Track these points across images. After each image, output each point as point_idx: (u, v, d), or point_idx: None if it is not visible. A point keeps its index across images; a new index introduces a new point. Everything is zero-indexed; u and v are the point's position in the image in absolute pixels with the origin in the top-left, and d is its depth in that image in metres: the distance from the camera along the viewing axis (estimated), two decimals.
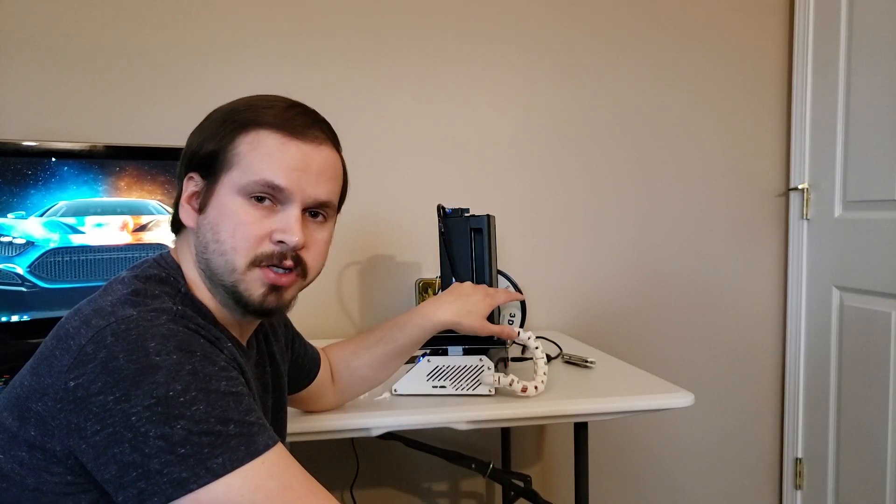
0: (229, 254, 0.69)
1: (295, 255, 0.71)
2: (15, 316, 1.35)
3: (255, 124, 0.71)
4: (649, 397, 1.15)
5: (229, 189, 0.70)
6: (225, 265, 0.70)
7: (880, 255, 1.66)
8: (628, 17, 1.88)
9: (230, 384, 0.62)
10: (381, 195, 1.78)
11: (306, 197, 0.71)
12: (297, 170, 0.70)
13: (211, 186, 0.71)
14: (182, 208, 0.74)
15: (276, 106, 0.72)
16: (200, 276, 0.72)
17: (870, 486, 1.71)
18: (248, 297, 0.70)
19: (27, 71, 1.58)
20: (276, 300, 0.72)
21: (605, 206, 1.90)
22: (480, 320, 1.03)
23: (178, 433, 0.56)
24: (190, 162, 0.73)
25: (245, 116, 0.71)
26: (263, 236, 0.70)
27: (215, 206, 0.70)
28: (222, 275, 0.70)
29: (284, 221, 0.70)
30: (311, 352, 1.01)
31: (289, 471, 0.61)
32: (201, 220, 0.72)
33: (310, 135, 0.72)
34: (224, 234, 0.69)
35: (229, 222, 0.69)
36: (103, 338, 0.59)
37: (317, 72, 1.73)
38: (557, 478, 1.91)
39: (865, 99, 1.70)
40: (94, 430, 0.57)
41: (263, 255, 0.70)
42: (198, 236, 0.72)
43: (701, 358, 1.98)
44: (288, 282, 0.72)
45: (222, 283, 0.70)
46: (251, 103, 0.73)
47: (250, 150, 0.70)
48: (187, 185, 0.74)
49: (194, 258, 0.72)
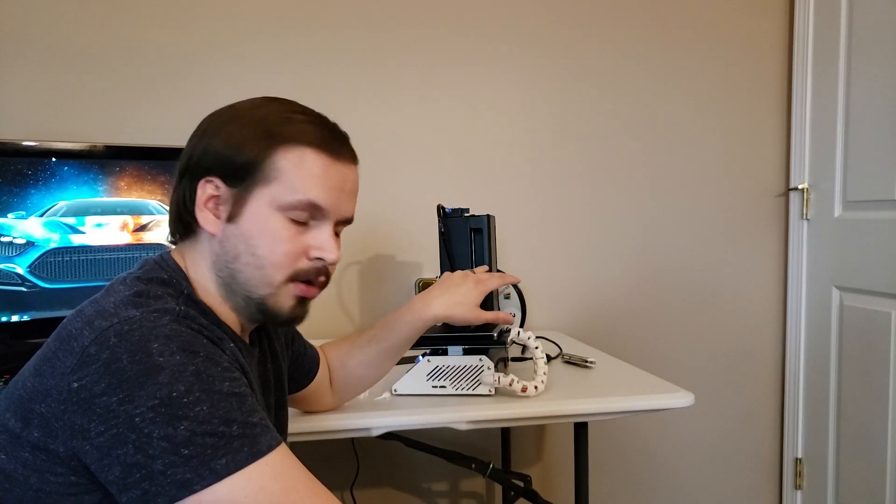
0: (267, 268, 0.71)
1: (327, 271, 0.75)
2: (15, 316, 1.35)
3: (298, 141, 0.71)
4: (649, 397, 1.15)
5: (267, 204, 0.70)
6: (261, 279, 0.71)
7: (880, 255, 1.66)
8: (628, 17, 1.88)
9: (233, 385, 0.62)
10: (381, 195, 1.78)
11: (339, 215, 0.75)
12: (336, 189, 0.73)
13: (243, 196, 0.70)
14: (200, 212, 0.72)
15: (313, 122, 0.73)
16: (216, 281, 0.72)
17: (870, 486, 1.71)
18: (278, 310, 0.73)
19: (27, 71, 1.58)
20: (303, 311, 0.76)
21: (604, 206, 1.90)
22: (473, 310, 1.01)
23: (181, 434, 0.57)
24: (212, 166, 0.71)
25: (286, 131, 0.71)
26: (300, 253, 0.72)
27: (251, 219, 0.70)
28: (254, 287, 0.71)
29: (321, 239, 0.73)
30: (311, 351, 1.01)
31: (292, 471, 0.61)
32: (230, 230, 0.71)
33: (345, 155, 0.75)
34: (262, 250, 0.70)
35: (268, 238, 0.70)
36: (106, 339, 0.59)
37: (317, 72, 1.73)
38: (557, 478, 1.91)
39: (865, 99, 1.70)
40: (98, 431, 0.57)
41: (301, 271, 0.72)
42: (223, 245, 0.71)
43: (701, 358, 1.98)
44: (316, 293, 0.76)
45: (248, 295, 0.72)
46: (287, 116, 0.72)
47: (294, 167, 0.70)
48: (204, 188, 0.71)
49: (210, 263, 0.72)
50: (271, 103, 0.74)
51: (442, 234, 1.24)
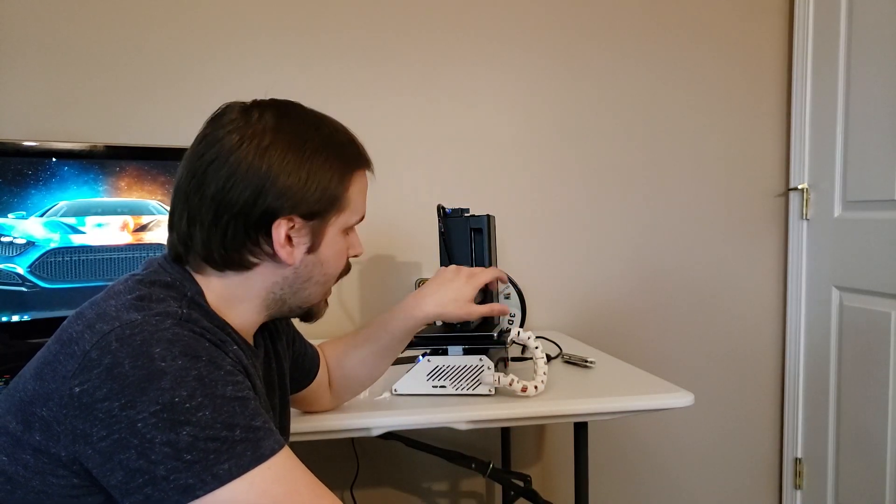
0: (331, 281, 0.79)
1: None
2: (15, 316, 1.35)
3: (358, 164, 0.77)
4: (649, 397, 1.15)
5: (339, 228, 0.76)
6: (323, 290, 0.79)
7: (880, 255, 1.66)
8: (628, 18, 1.88)
9: (236, 389, 0.62)
10: (381, 195, 1.78)
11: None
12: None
13: (322, 227, 0.74)
14: (282, 249, 0.70)
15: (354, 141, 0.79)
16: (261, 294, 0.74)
17: (870, 486, 1.71)
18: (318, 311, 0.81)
19: (27, 71, 1.58)
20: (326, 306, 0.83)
21: (604, 206, 1.90)
22: (467, 306, 0.99)
23: (184, 439, 0.56)
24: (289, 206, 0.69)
25: (350, 158, 0.76)
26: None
27: (328, 246, 0.76)
28: (314, 298, 0.79)
29: (355, 240, 0.82)
30: (311, 351, 1.01)
31: (295, 475, 0.61)
32: (309, 259, 0.75)
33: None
34: (332, 269, 0.78)
35: (337, 258, 0.78)
36: (108, 343, 0.59)
37: (317, 72, 1.73)
38: (557, 478, 1.91)
39: (865, 99, 1.70)
40: (100, 436, 0.57)
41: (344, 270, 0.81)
42: (298, 272, 0.75)
43: (701, 358, 1.99)
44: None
45: (301, 305, 0.78)
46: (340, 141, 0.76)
47: (358, 192, 0.77)
48: (281, 228, 0.69)
49: (270, 286, 0.74)
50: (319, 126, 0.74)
51: (442, 234, 1.24)
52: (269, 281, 0.74)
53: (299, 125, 0.72)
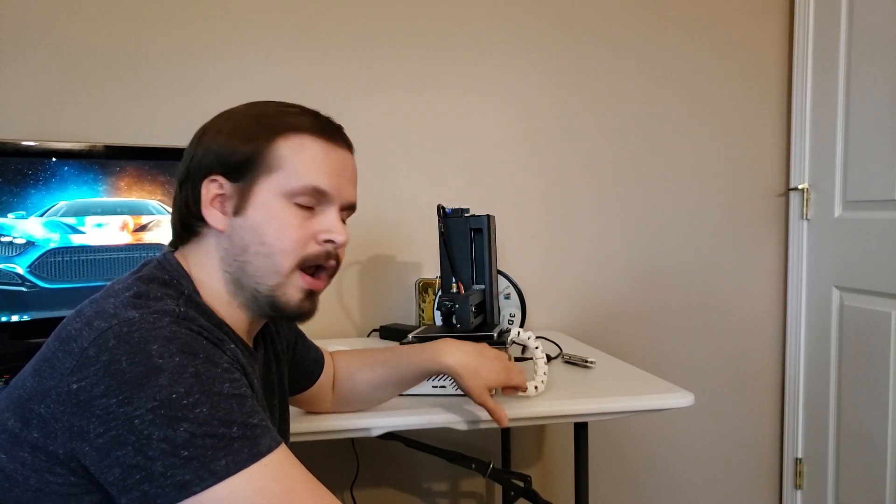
0: (277, 255, 0.71)
1: (336, 255, 0.76)
2: (15, 316, 1.35)
3: (296, 129, 0.73)
4: (649, 397, 1.15)
5: (272, 192, 0.71)
6: (270, 267, 0.71)
7: (880, 255, 1.66)
8: (628, 17, 1.88)
9: (233, 386, 0.61)
10: (381, 195, 1.78)
11: (343, 200, 0.76)
12: (337, 174, 0.74)
13: (247, 189, 0.71)
14: (207, 211, 0.72)
15: (307, 112, 0.75)
16: (223, 279, 0.73)
17: (870, 486, 1.71)
18: (286, 302, 0.73)
19: (27, 71, 1.58)
20: (312, 304, 0.76)
21: (605, 206, 1.90)
22: (481, 387, 0.95)
23: (181, 436, 0.56)
24: (213, 165, 0.72)
25: (282, 121, 0.73)
26: (308, 238, 0.73)
27: (258, 209, 0.71)
28: (263, 276, 0.72)
29: (328, 222, 0.74)
30: (314, 354, 1.00)
31: (292, 473, 0.61)
32: (237, 223, 0.72)
33: (341, 141, 0.76)
34: (271, 237, 0.71)
35: (275, 224, 0.71)
36: (105, 340, 0.59)
37: (317, 72, 1.73)
38: (557, 478, 1.91)
39: (865, 99, 1.70)
40: (98, 432, 0.57)
41: (311, 255, 0.73)
42: (232, 240, 0.72)
43: (701, 358, 1.98)
44: (323, 286, 0.76)
45: (257, 287, 0.72)
46: (281, 110, 0.74)
47: (293, 154, 0.72)
48: (208, 188, 0.72)
49: (219, 260, 0.73)
50: (265, 103, 0.76)
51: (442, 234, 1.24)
52: (217, 257, 0.73)
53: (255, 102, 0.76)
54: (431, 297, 1.71)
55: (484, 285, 1.27)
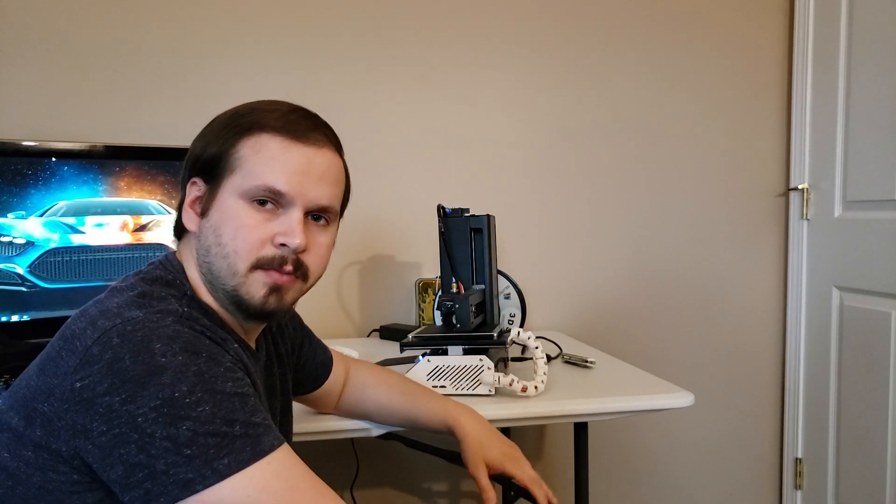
0: (231, 257, 0.69)
1: (296, 259, 0.71)
2: (15, 316, 1.35)
3: (258, 128, 0.71)
4: (649, 397, 1.15)
5: (231, 193, 0.70)
6: (227, 268, 0.70)
7: (880, 255, 1.66)
8: (628, 17, 1.88)
9: (236, 385, 0.62)
10: (381, 195, 1.78)
11: (308, 201, 0.71)
12: (299, 174, 0.70)
13: (213, 190, 0.71)
14: (185, 213, 0.74)
15: (279, 110, 0.73)
16: (202, 279, 0.73)
17: (870, 486, 1.71)
18: (249, 300, 0.70)
19: (27, 71, 1.57)
20: (277, 301, 0.71)
21: (604, 206, 1.90)
22: (479, 464, 0.94)
23: (183, 434, 0.57)
24: (193, 167, 0.73)
25: (247, 120, 0.71)
26: (265, 239, 0.70)
27: (217, 210, 0.71)
28: (224, 278, 0.70)
29: (286, 224, 0.70)
30: (322, 357, 1.00)
31: (294, 471, 0.61)
32: (203, 224, 0.72)
33: (312, 138, 0.72)
34: (226, 237, 0.69)
35: (231, 225, 0.69)
36: (109, 339, 0.59)
37: (317, 72, 1.73)
38: (557, 478, 1.91)
39: (865, 99, 1.70)
40: (101, 430, 0.57)
41: (265, 258, 0.70)
42: (199, 240, 0.72)
43: (701, 358, 1.98)
44: (288, 281, 0.71)
45: (223, 287, 0.70)
46: (253, 107, 0.73)
47: (252, 153, 0.70)
48: (190, 190, 0.74)
49: (196, 262, 0.73)
50: (251, 103, 0.75)
51: (442, 234, 1.24)
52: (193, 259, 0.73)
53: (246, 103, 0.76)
54: (431, 297, 1.71)
55: (484, 285, 1.27)
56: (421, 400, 0.99)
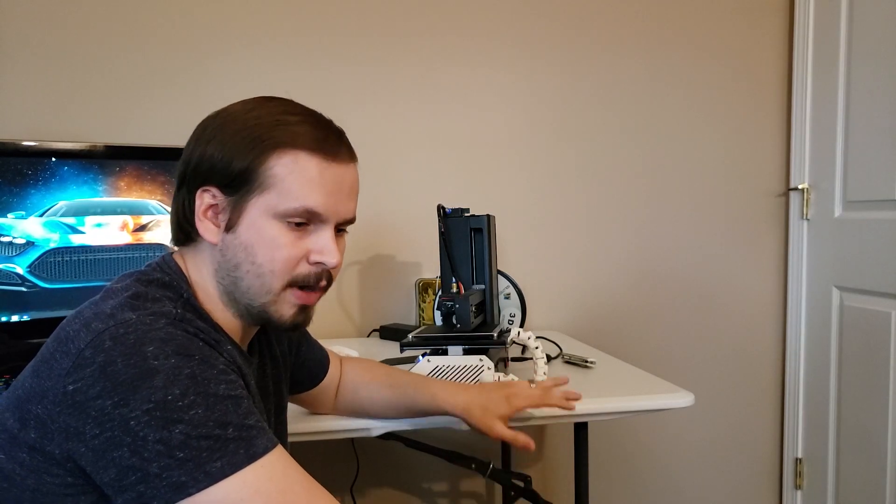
0: (267, 276, 0.70)
1: (329, 275, 0.74)
2: (15, 316, 1.35)
3: (292, 146, 0.69)
4: (649, 397, 1.15)
5: (265, 211, 0.69)
6: (261, 287, 0.70)
7: (880, 255, 1.66)
8: (628, 18, 1.88)
9: (229, 387, 0.61)
10: (381, 195, 1.78)
11: (340, 218, 0.73)
12: (334, 193, 0.71)
13: (240, 205, 0.69)
14: (200, 222, 0.71)
15: (306, 123, 0.71)
16: (217, 289, 0.72)
17: (870, 486, 1.71)
18: (278, 319, 0.72)
19: (27, 71, 1.58)
20: (304, 317, 0.74)
21: (605, 206, 1.90)
22: (493, 419, 0.94)
23: (176, 437, 0.56)
24: (208, 175, 0.70)
25: (278, 135, 0.69)
26: (300, 258, 0.71)
27: (248, 227, 0.69)
28: (255, 296, 0.71)
29: (322, 243, 0.71)
30: (319, 356, 1.00)
31: (288, 473, 0.61)
32: (230, 239, 0.70)
33: (341, 155, 0.72)
34: (262, 258, 0.69)
35: (267, 246, 0.69)
36: (102, 342, 0.59)
37: (317, 72, 1.73)
38: (557, 478, 1.91)
39: (865, 99, 1.70)
40: (93, 434, 0.57)
41: (300, 276, 0.71)
42: (224, 255, 0.71)
43: (701, 358, 1.98)
44: (316, 299, 0.74)
45: (250, 303, 0.71)
46: (279, 119, 0.70)
47: (288, 173, 0.69)
48: (202, 198, 0.71)
49: (213, 271, 0.72)
50: (264, 105, 0.72)
51: (442, 234, 1.24)
52: (210, 267, 0.72)
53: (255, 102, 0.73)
54: (431, 297, 1.71)
55: (484, 285, 1.27)
56: (408, 391, 0.99)
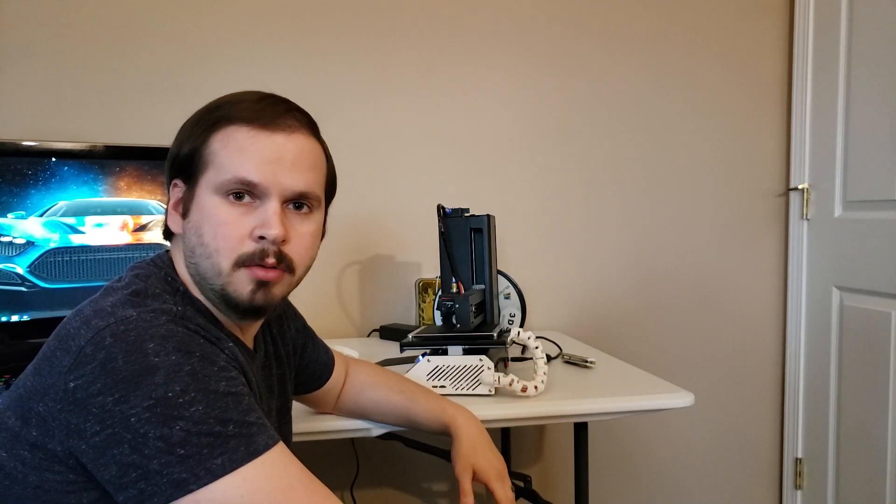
0: (214, 256, 0.68)
1: (277, 251, 0.69)
2: (15, 316, 1.35)
3: (226, 120, 0.69)
4: (649, 397, 1.15)
5: (207, 190, 0.69)
6: (212, 268, 0.68)
7: (880, 255, 1.66)
8: (628, 18, 1.88)
9: (229, 384, 0.61)
10: (381, 195, 1.78)
11: (284, 189, 0.69)
12: (271, 162, 0.68)
13: (191, 189, 0.70)
14: (170, 216, 0.73)
15: (247, 100, 0.70)
16: (190, 279, 0.72)
17: (870, 486, 1.71)
18: (237, 298, 0.69)
19: (27, 71, 1.58)
20: (265, 297, 0.70)
21: (605, 206, 1.90)
22: (467, 467, 0.93)
23: (177, 434, 0.56)
24: (171, 168, 0.73)
25: (216, 114, 0.70)
26: (245, 235, 0.68)
27: (196, 209, 0.69)
28: (210, 278, 0.69)
29: (262, 216, 0.68)
30: (325, 358, 1.00)
31: (289, 470, 0.61)
32: (186, 225, 0.71)
33: (282, 124, 0.70)
34: (207, 237, 0.68)
35: (210, 223, 0.68)
36: (102, 339, 0.59)
37: (317, 72, 1.73)
38: (557, 478, 1.91)
39: (865, 99, 1.70)
40: (94, 431, 0.57)
41: (246, 254, 0.68)
42: (186, 242, 0.71)
43: (701, 358, 1.98)
44: (275, 277, 0.70)
45: (211, 287, 0.70)
46: (223, 100, 0.72)
47: (222, 147, 0.68)
48: (173, 192, 0.73)
49: (185, 263, 0.72)
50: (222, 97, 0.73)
51: (442, 234, 1.24)
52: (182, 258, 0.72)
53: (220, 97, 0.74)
54: (431, 297, 1.71)
55: (484, 285, 1.27)
56: (419, 399, 1.00)
